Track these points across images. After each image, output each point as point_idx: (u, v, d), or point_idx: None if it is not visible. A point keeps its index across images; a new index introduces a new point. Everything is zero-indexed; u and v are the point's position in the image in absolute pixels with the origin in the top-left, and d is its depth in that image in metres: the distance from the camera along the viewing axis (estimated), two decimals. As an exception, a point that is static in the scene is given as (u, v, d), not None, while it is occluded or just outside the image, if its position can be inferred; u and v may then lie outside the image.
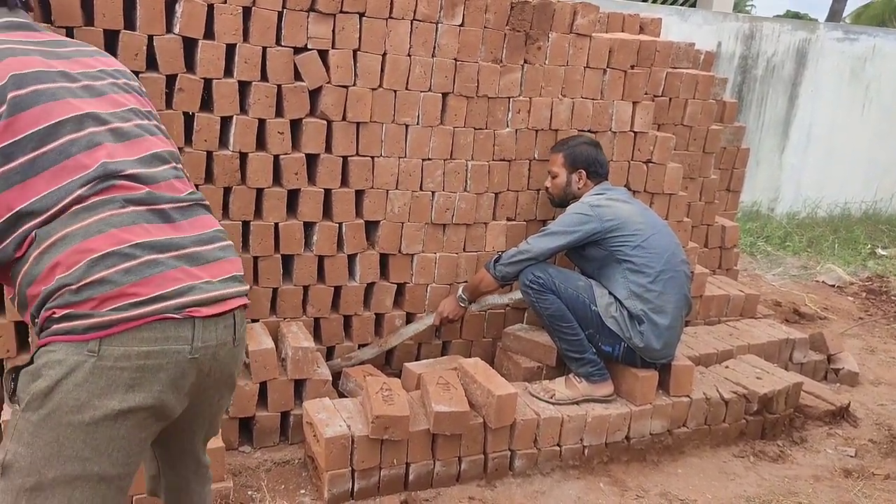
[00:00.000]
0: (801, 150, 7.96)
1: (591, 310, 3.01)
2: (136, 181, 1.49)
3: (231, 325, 1.54)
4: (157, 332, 1.41)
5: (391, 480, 2.70)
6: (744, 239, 6.60)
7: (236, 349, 1.58)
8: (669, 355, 3.10)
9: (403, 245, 3.25)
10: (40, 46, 1.54)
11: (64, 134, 1.45)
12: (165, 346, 1.41)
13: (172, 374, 1.43)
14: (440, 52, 3.11)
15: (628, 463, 3.08)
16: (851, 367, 4.11)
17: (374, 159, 3.11)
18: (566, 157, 3.22)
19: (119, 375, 1.38)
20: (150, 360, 1.40)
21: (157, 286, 1.42)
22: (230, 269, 1.58)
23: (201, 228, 1.57)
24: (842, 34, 7.91)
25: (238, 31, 2.79)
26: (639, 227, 3.03)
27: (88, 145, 1.47)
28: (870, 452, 3.35)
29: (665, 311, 2.99)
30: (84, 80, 1.55)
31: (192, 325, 1.45)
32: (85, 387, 1.36)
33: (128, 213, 1.46)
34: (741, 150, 4.68)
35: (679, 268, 3.07)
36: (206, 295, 1.48)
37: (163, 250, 1.46)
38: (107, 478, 1.41)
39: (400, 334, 3.28)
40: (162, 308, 1.41)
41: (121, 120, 1.55)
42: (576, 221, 3.05)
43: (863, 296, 5.70)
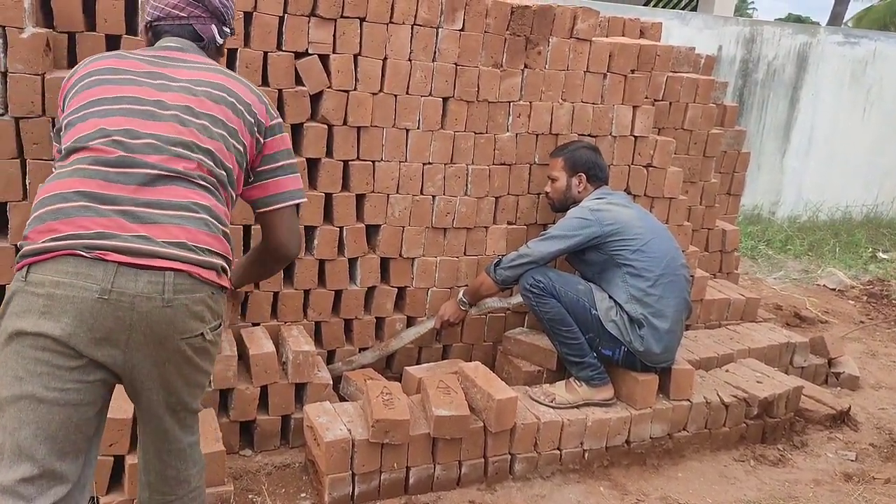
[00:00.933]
0: (802, 153, 7.96)
1: (591, 314, 3.01)
2: (119, 147, 1.62)
3: (159, 283, 1.55)
4: (70, 265, 1.51)
5: (392, 484, 2.71)
6: (745, 242, 6.61)
7: (167, 310, 1.56)
8: (669, 359, 3.10)
9: (404, 249, 3.25)
10: (162, 60, 1.81)
11: (97, 105, 1.68)
12: (74, 281, 1.51)
13: (80, 308, 1.50)
14: (441, 56, 3.12)
15: (629, 467, 3.08)
16: (852, 370, 4.11)
17: (374, 163, 3.12)
18: (566, 162, 3.23)
19: (35, 301, 1.51)
20: (58, 290, 1.51)
21: (78, 227, 1.54)
22: (181, 235, 1.60)
23: (167, 196, 1.62)
24: (843, 38, 7.91)
25: (239, 36, 2.80)
26: (639, 231, 3.04)
27: (105, 114, 1.66)
28: (870, 456, 3.35)
29: (665, 315, 2.99)
30: (160, 80, 1.75)
31: (104, 267, 1.52)
32: (14, 309, 1.53)
33: (93, 170, 1.61)
34: (742, 153, 4.68)
35: (679, 272, 3.08)
36: (128, 244, 1.54)
37: (104, 202, 1.57)
38: (44, 400, 1.51)
39: (400, 338, 3.29)
40: (73, 245, 1.52)
41: (161, 108, 1.70)
42: (576, 226, 3.05)
43: (864, 299, 5.70)
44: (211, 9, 1.93)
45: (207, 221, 1.66)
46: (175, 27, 1.90)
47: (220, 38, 1.97)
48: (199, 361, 1.68)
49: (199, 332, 1.64)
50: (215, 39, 1.95)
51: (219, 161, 1.73)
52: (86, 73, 1.75)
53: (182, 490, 1.83)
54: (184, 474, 1.82)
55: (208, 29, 1.93)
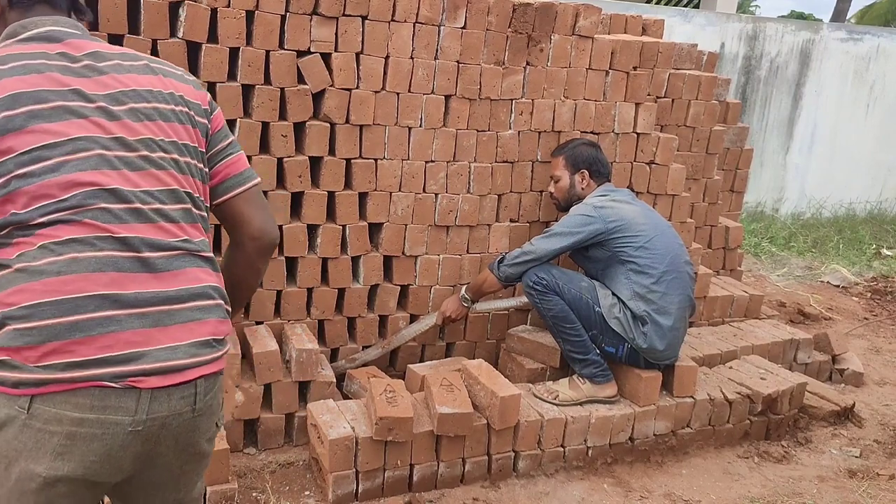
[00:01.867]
0: (806, 150, 7.94)
1: (594, 311, 3.01)
2: (118, 220, 1.33)
3: (190, 396, 1.37)
4: (95, 399, 1.27)
5: (395, 481, 2.71)
6: (748, 240, 6.60)
7: (196, 419, 1.40)
8: (673, 356, 3.10)
9: (407, 247, 3.25)
10: (61, 61, 1.36)
11: (55, 155, 1.30)
12: (102, 416, 1.27)
13: (109, 445, 1.29)
14: (442, 54, 3.12)
15: (632, 464, 3.08)
16: (856, 367, 4.10)
17: (377, 162, 3.12)
18: (567, 160, 3.23)
19: (48, 440, 1.25)
20: (83, 427, 1.26)
21: (102, 348, 1.28)
22: (204, 331, 1.41)
23: (185, 283, 1.40)
24: (846, 34, 7.89)
25: (241, 35, 2.81)
26: (642, 228, 3.03)
27: (79, 168, 1.31)
28: (875, 453, 3.34)
29: (668, 312, 2.99)
30: (100, 103, 1.36)
31: (137, 395, 1.30)
32: (13, 444, 1.26)
33: (100, 257, 1.30)
34: (745, 150, 4.68)
35: (682, 269, 3.07)
36: (159, 364, 1.32)
37: (124, 306, 1.31)
38: None
39: (402, 335, 3.29)
40: (99, 374, 1.27)
41: (128, 148, 1.37)
42: (579, 223, 3.05)
43: (868, 296, 5.69)
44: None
45: (221, 307, 1.47)
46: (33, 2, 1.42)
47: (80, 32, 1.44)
48: (210, 449, 1.52)
49: (215, 423, 1.50)
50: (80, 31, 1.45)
51: (200, 202, 1.49)
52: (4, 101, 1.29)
53: None
54: None
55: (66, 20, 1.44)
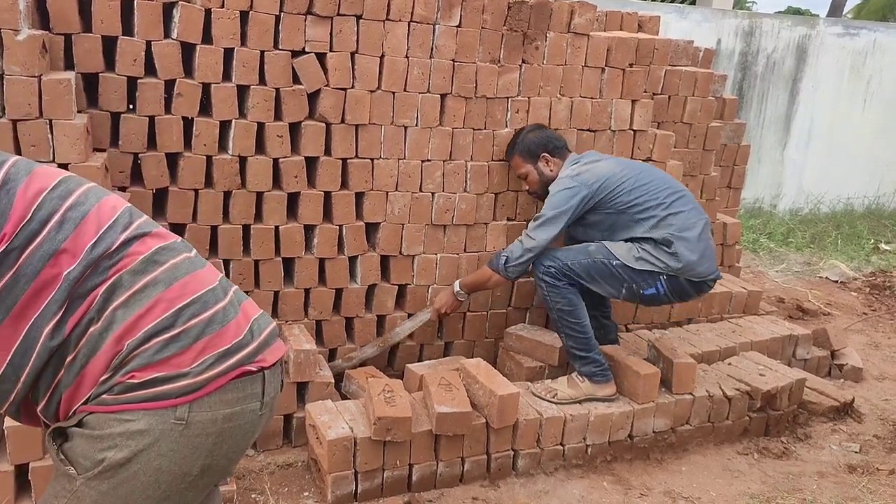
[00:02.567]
0: (803, 146, 7.94)
1: (612, 265, 2.97)
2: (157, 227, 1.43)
3: (278, 374, 1.46)
4: (238, 391, 1.34)
5: (394, 482, 2.70)
6: (746, 236, 6.59)
7: (279, 397, 1.49)
8: (713, 270, 3.06)
9: (404, 246, 3.25)
10: None
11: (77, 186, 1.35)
12: (244, 406, 1.35)
13: (248, 433, 1.39)
14: (438, 53, 3.11)
15: (632, 461, 3.08)
16: (855, 362, 4.10)
17: (373, 161, 3.11)
18: (522, 154, 3.21)
19: (203, 443, 1.31)
20: (230, 422, 1.34)
21: (234, 334, 1.35)
22: (253, 310, 1.47)
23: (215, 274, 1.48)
24: (842, 29, 7.89)
25: (236, 36, 2.80)
26: (624, 174, 3.05)
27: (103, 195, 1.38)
28: (874, 448, 3.34)
29: (690, 226, 2.99)
30: None
31: (262, 378, 1.38)
32: (168, 456, 1.28)
33: (181, 259, 1.38)
34: (742, 146, 4.67)
35: (683, 190, 3.10)
36: (262, 337, 1.40)
37: (220, 296, 1.39)
38: None
39: (396, 333, 3.27)
40: (241, 359, 1.34)
41: None
42: (564, 198, 3.01)
43: (866, 291, 5.68)
44: None
45: None
46: None
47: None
48: None
49: None
50: None
51: None
52: None
53: None
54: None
55: None
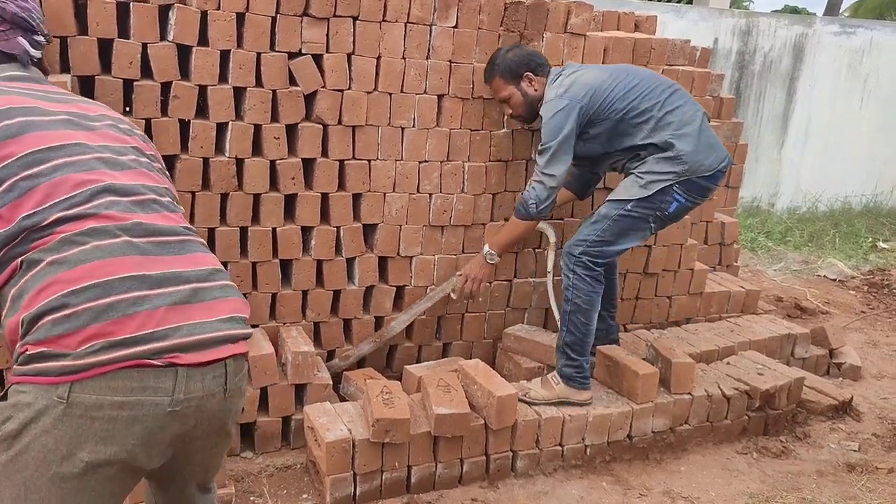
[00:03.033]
0: (801, 144, 7.94)
1: (629, 211, 2.90)
2: (129, 210, 1.43)
3: (221, 376, 1.43)
4: (134, 380, 1.31)
5: (393, 483, 2.70)
6: (744, 235, 6.60)
7: (228, 401, 1.47)
8: (721, 159, 2.95)
9: (402, 247, 3.25)
10: (44, 94, 1.55)
11: (56, 157, 1.41)
12: (142, 398, 1.31)
13: (149, 427, 1.33)
14: (434, 54, 3.11)
15: (631, 461, 3.07)
16: (854, 361, 4.10)
17: (370, 162, 3.11)
18: (504, 75, 3.04)
19: (89, 426, 1.29)
20: (123, 411, 1.30)
21: (139, 326, 1.33)
22: (228, 308, 1.48)
23: (199, 264, 1.49)
24: (839, 28, 7.89)
25: (232, 37, 2.79)
26: (613, 79, 2.95)
27: (82, 168, 1.42)
28: (873, 447, 3.34)
29: (689, 121, 2.91)
30: (85, 121, 1.53)
31: (175, 375, 1.34)
32: (53, 433, 1.28)
33: (121, 243, 1.38)
34: (739, 145, 4.67)
35: (674, 84, 3.02)
36: (193, 338, 1.38)
37: (154, 285, 1.38)
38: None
39: (392, 327, 3.24)
40: (140, 352, 1.31)
41: (117, 153, 1.52)
42: (560, 119, 2.88)
43: (864, 289, 5.69)
44: (8, 18, 1.63)
45: (235, 287, 1.55)
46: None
47: (35, 50, 1.68)
48: (232, 430, 1.60)
49: (242, 406, 1.58)
50: (29, 54, 1.65)
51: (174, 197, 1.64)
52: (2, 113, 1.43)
53: None
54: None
55: (15, 44, 1.63)
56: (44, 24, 1.75)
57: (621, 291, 3.74)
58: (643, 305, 3.85)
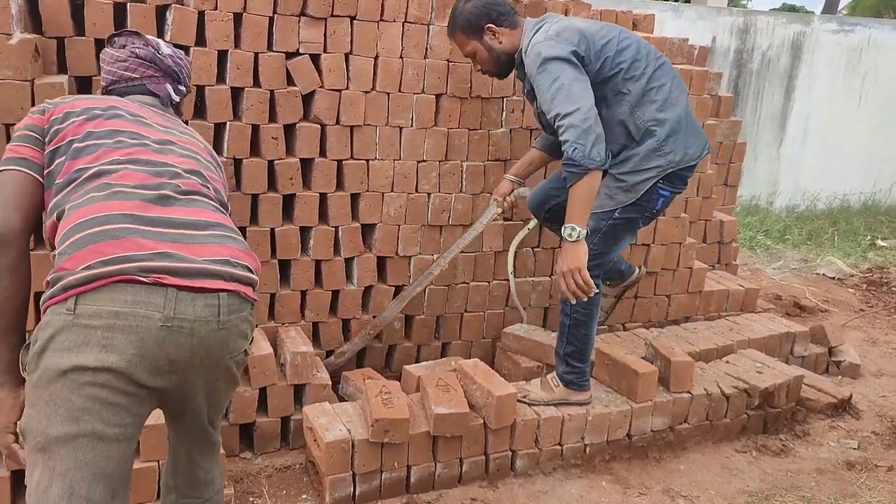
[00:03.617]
0: (799, 143, 7.95)
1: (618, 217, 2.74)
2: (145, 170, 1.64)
3: (214, 306, 1.53)
4: (128, 293, 1.45)
5: (393, 483, 2.70)
6: (743, 233, 6.60)
7: (223, 333, 1.56)
8: (702, 146, 2.77)
9: (400, 247, 3.24)
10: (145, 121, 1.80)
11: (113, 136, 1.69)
12: (135, 310, 1.45)
13: (144, 338, 1.45)
14: (432, 53, 3.11)
15: (630, 460, 3.07)
16: (853, 359, 4.10)
17: (368, 162, 3.11)
18: (464, 30, 2.79)
19: (92, 334, 1.43)
20: (119, 320, 1.44)
21: (127, 248, 1.48)
22: (224, 252, 1.60)
23: (202, 216, 1.63)
24: (837, 26, 7.89)
25: (229, 38, 2.79)
26: (606, 33, 2.70)
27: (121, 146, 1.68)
28: (873, 444, 3.34)
29: (674, 103, 2.71)
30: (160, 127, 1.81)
31: (164, 293, 1.47)
32: (65, 344, 1.43)
33: (128, 192, 1.58)
34: (738, 144, 4.67)
35: (661, 57, 2.79)
36: (180, 264, 1.50)
37: (147, 223, 1.54)
38: (104, 437, 1.45)
39: (384, 317, 3.21)
40: (128, 269, 1.46)
41: (173, 146, 1.76)
42: (557, 54, 2.54)
43: (863, 287, 5.69)
44: (163, 68, 1.95)
45: (239, 240, 1.69)
46: (130, 88, 1.92)
47: (176, 95, 2.00)
48: (238, 375, 1.72)
49: (243, 349, 1.66)
50: (171, 97, 1.98)
51: (225, 202, 1.82)
52: (108, 106, 1.76)
53: (209, 492, 1.85)
54: (210, 475, 1.84)
55: (162, 88, 1.95)
56: (189, 79, 2.07)
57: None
58: (642, 304, 3.85)
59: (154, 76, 1.94)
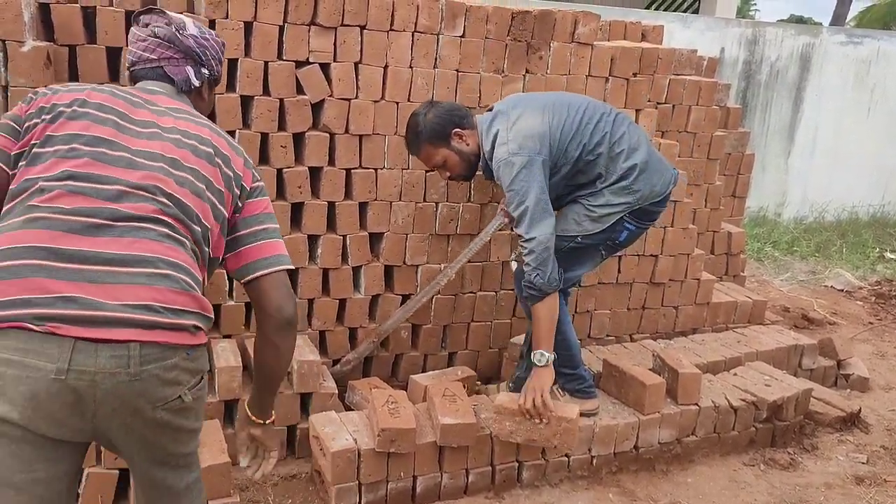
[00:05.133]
0: (808, 154, 7.93)
1: (581, 243, 2.82)
2: (82, 192, 1.48)
3: (123, 357, 1.39)
4: (20, 341, 1.34)
5: (398, 493, 2.69)
6: (751, 244, 6.58)
7: (136, 384, 1.41)
8: (668, 180, 2.87)
9: (408, 256, 3.24)
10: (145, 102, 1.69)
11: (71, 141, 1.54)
12: (25, 359, 1.34)
13: (35, 390, 1.34)
14: (442, 63, 3.11)
15: (637, 472, 3.06)
16: (861, 372, 4.07)
17: (377, 171, 3.11)
18: (431, 140, 2.80)
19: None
20: (10, 368, 1.34)
21: (25, 290, 1.36)
22: (147, 296, 1.43)
23: (133, 250, 1.46)
24: (845, 38, 7.89)
25: (240, 46, 2.80)
26: (557, 121, 2.73)
27: (74, 155, 1.52)
28: (882, 459, 3.32)
29: (635, 146, 2.79)
30: (139, 127, 1.62)
31: (59, 343, 1.35)
32: None
33: (54, 220, 1.44)
34: (746, 155, 4.67)
35: (612, 110, 2.87)
36: (83, 312, 1.37)
37: (62, 259, 1.40)
38: (11, 485, 1.38)
39: (388, 325, 3.22)
40: (21, 315, 1.35)
41: (144, 157, 1.57)
42: (525, 177, 2.64)
43: (872, 300, 5.66)
44: (183, 48, 1.79)
45: (176, 279, 1.49)
46: (148, 70, 1.78)
47: (197, 79, 1.82)
48: (182, 422, 1.54)
49: (176, 396, 1.49)
50: (189, 81, 1.81)
51: (195, 216, 1.58)
52: (74, 101, 1.61)
53: None
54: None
55: (181, 70, 1.79)
56: (219, 62, 1.89)
57: (628, 301, 3.74)
58: (650, 315, 3.84)
59: (173, 58, 1.78)
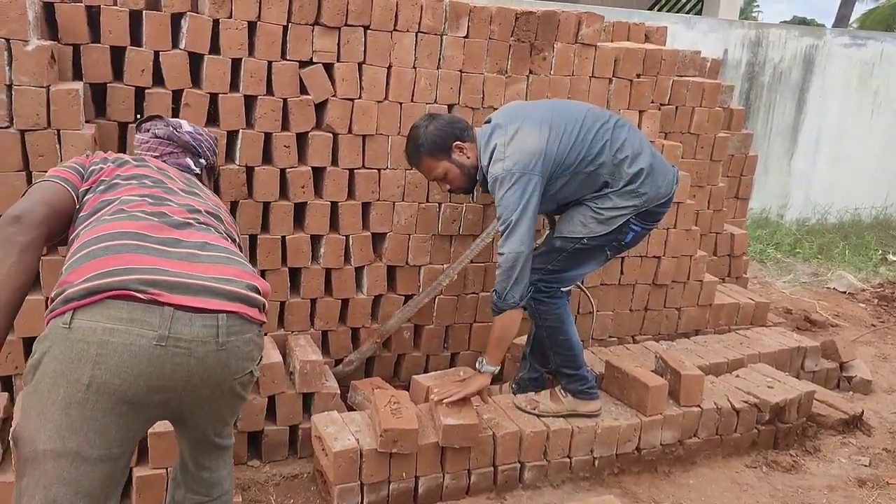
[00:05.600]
0: (811, 156, 7.92)
1: (586, 244, 2.80)
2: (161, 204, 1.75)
3: (213, 327, 1.54)
4: (123, 311, 1.47)
5: (400, 494, 2.69)
6: (753, 246, 6.57)
7: (222, 353, 1.56)
8: (672, 182, 2.88)
9: (410, 257, 3.24)
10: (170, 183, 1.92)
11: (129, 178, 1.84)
12: (129, 327, 1.46)
13: (138, 357, 1.46)
14: (445, 63, 3.11)
15: (639, 474, 3.05)
16: (864, 374, 4.07)
17: (380, 171, 3.11)
18: (432, 152, 2.76)
19: (86, 350, 1.44)
20: (113, 337, 1.45)
21: (127, 262, 1.52)
22: (228, 272, 1.62)
23: (211, 240, 1.71)
24: (849, 39, 7.88)
25: (243, 46, 2.80)
26: (554, 135, 2.70)
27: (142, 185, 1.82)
28: (884, 461, 3.31)
29: (638, 150, 2.78)
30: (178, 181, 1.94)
31: (160, 312, 1.48)
32: (60, 359, 1.45)
33: (143, 217, 1.66)
34: (749, 157, 4.66)
35: (612, 117, 2.85)
36: (178, 280, 1.53)
37: (154, 242, 1.60)
38: (88, 458, 1.46)
39: (390, 325, 3.22)
40: (126, 281, 1.48)
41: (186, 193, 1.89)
42: (517, 192, 2.61)
43: (875, 302, 5.65)
44: (181, 143, 2.10)
45: (245, 263, 1.73)
46: None
47: (196, 168, 2.13)
48: (245, 394, 1.73)
49: (248, 370, 1.66)
50: (191, 169, 2.11)
51: (242, 248, 1.94)
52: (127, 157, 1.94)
53: (216, 491, 1.87)
54: (216, 476, 1.86)
55: (182, 161, 2.09)
56: (213, 154, 2.22)
57: (630, 302, 3.74)
58: (652, 317, 3.83)
59: (173, 152, 2.09)
